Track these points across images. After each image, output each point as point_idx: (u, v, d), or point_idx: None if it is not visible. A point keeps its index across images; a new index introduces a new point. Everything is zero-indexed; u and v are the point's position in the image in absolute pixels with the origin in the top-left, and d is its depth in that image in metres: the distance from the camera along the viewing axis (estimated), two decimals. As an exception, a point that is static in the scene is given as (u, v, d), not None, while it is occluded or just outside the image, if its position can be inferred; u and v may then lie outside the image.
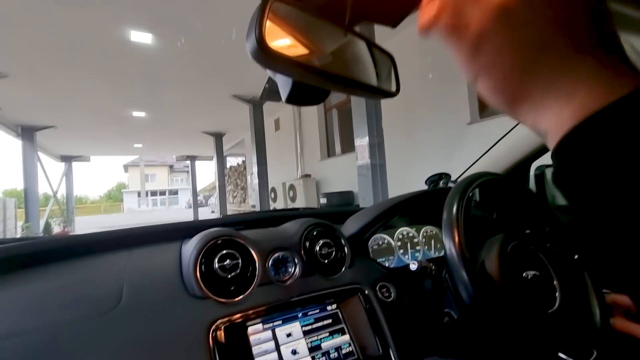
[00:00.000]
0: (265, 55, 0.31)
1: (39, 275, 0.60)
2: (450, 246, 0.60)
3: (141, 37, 4.48)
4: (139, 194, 26.74)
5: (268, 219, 0.94)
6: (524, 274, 0.65)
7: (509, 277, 0.62)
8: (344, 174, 6.19)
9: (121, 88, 6.25)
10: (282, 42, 0.37)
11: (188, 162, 16.15)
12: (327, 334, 0.64)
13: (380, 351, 0.63)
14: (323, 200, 6.06)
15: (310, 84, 0.46)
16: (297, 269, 0.69)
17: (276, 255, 0.69)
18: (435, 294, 0.73)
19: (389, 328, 0.66)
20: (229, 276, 0.62)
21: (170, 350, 0.51)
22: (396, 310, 0.70)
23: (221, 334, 0.55)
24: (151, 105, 7.53)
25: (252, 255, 0.66)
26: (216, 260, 0.62)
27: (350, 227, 0.88)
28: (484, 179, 0.72)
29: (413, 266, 0.68)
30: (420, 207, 0.97)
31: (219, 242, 0.64)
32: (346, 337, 0.65)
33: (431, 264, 0.70)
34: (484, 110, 4.18)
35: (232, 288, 0.62)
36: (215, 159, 11.09)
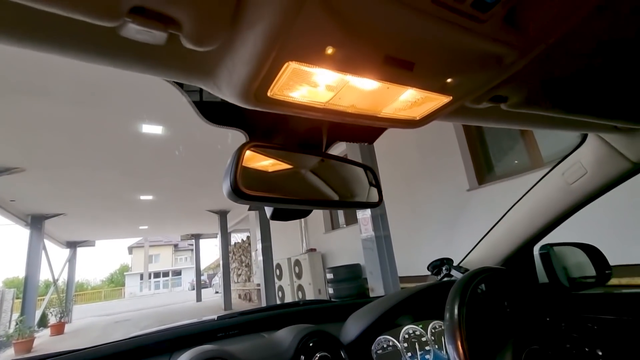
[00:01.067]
0: (239, 197, 0.33)
1: None
2: (453, 350, 0.56)
3: (151, 128, 4.85)
4: (141, 277, 25.90)
5: (265, 319, 0.89)
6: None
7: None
8: (350, 245, 6.07)
9: (130, 174, 6.54)
10: (257, 181, 0.39)
11: (192, 240, 16.02)
12: None
13: None
14: (329, 275, 5.81)
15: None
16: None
17: (269, 375, 0.63)
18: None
19: None
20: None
21: None
22: None
23: None
24: (158, 189, 7.77)
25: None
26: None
27: (350, 330, 0.83)
28: (484, 275, 0.70)
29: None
30: (425, 302, 0.92)
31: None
32: None
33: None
34: (484, 177, 4.25)
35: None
36: (219, 236, 11.02)
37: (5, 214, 7.64)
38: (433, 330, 0.93)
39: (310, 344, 0.69)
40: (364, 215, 4.25)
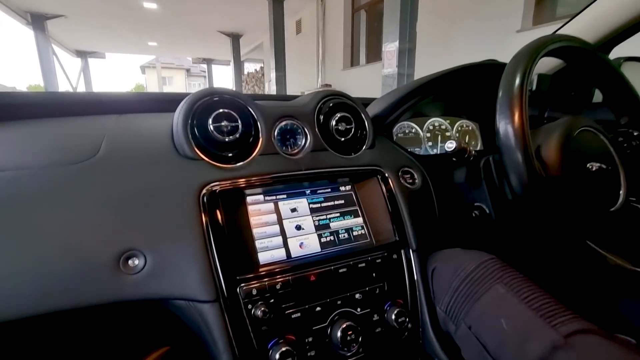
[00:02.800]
0: None
1: (15, 125, 0.52)
2: (506, 123, 0.47)
3: None
4: (157, 98, 26.31)
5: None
6: (587, 165, 0.52)
7: (570, 166, 0.50)
8: (368, 85, 5.76)
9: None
10: None
11: (205, 66, 15.49)
12: (338, 214, 0.56)
13: (397, 237, 0.56)
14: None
15: None
16: (308, 142, 0.58)
17: (284, 123, 0.57)
18: (466, 186, 0.63)
19: (409, 215, 0.57)
20: (227, 140, 0.52)
21: (152, 212, 0.44)
22: (419, 198, 0.61)
23: (214, 199, 0.47)
24: (162, -4, 6.85)
25: (255, 119, 0.55)
26: (210, 119, 0.51)
27: (373, 108, 0.74)
28: (564, 44, 0.54)
29: (450, 145, 0.56)
30: (460, 92, 0.80)
31: (216, 99, 0.53)
32: (359, 219, 0.57)
33: (470, 148, 0.58)
34: (541, 15, 3.55)
35: (230, 155, 0.52)
36: (232, 63, 10.52)
37: (2, 7, 7.06)
38: (459, 128, 0.86)
39: (331, 105, 0.61)
40: (390, 48, 3.80)
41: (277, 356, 0.41)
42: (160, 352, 0.72)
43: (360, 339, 0.45)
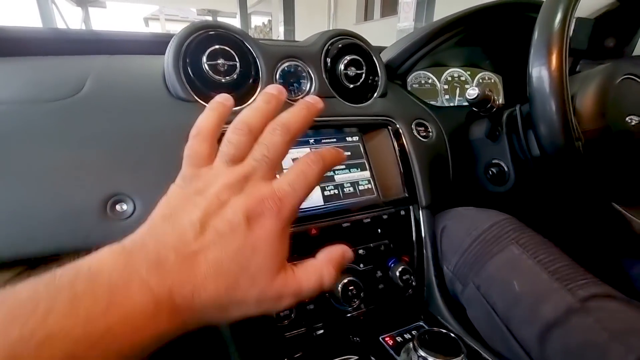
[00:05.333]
0: None
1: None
2: (542, 67, 0.41)
3: None
4: (163, 53, 25.45)
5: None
6: (627, 118, 0.46)
7: (607, 118, 0.44)
8: (382, 41, 5.45)
9: None
10: None
11: (210, 18, 14.78)
12: (343, 167, 0.52)
13: (406, 193, 0.52)
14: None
15: None
16: (314, 87, 0.53)
17: (287, 64, 0.52)
18: (484, 141, 0.58)
19: (420, 170, 0.53)
20: (223, 80, 0.47)
21: (141, 155, 0.40)
22: (433, 153, 0.56)
23: (210, 144, 0.43)
24: None
25: (255, 58, 0.49)
26: (205, 56, 0.46)
27: (387, 53, 0.67)
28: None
29: (472, 92, 0.50)
30: (485, 38, 0.72)
31: (211, 33, 0.47)
32: (366, 173, 0.53)
33: (494, 97, 0.52)
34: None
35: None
36: (238, 15, 9.98)
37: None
38: (481, 80, 0.78)
39: (340, 46, 0.55)
40: (407, -1, 3.53)
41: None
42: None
43: (362, 295, 0.43)
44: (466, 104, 0.75)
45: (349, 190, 0.51)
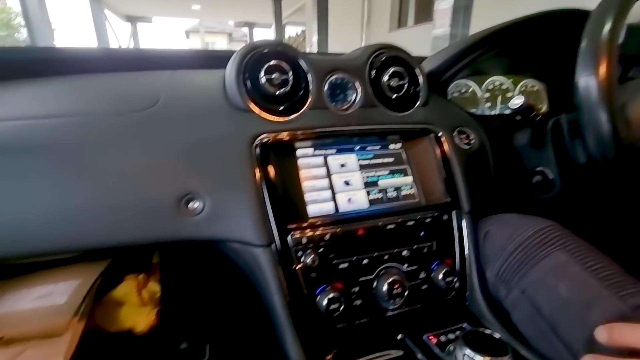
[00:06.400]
0: None
1: (79, 78, 0.56)
2: (589, 76, 0.41)
3: None
4: (201, 64, 26.79)
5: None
6: (684, 127, 0.45)
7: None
8: (415, 52, 5.40)
9: None
10: None
11: (246, 30, 15.39)
12: (387, 172, 0.54)
13: (449, 199, 0.53)
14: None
15: None
16: (359, 98, 0.56)
17: (334, 77, 0.56)
18: (528, 149, 0.58)
19: (463, 177, 0.55)
20: (277, 92, 0.52)
21: (210, 159, 0.45)
22: (475, 160, 0.57)
23: (266, 150, 0.48)
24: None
25: (305, 73, 0.53)
26: (262, 71, 0.51)
27: (428, 63, 0.69)
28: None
29: (517, 102, 0.51)
30: (528, 47, 0.72)
31: (266, 51, 0.52)
32: (408, 178, 0.55)
33: (539, 106, 0.52)
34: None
35: (281, 108, 0.52)
36: (273, 26, 10.33)
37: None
38: (524, 88, 0.78)
39: (384, 59, 0.58)
40: (443, 5, 3.49)
41: (325, 301, 0.43)
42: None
43: (405, 294, 0.45)
44: (508, 112, 0.75)
45: (392, 194, 0.53)
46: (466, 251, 0.52)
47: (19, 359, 0.41)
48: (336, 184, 0.51)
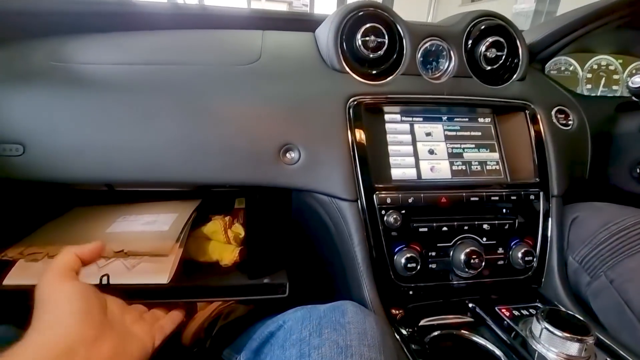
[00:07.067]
0: None
1: (189, 32, 0.61)
2: None
3: None
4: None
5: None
6: None
7: None
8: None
9: None
10: None
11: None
12: (473, 146, 0.54)
13: (537, 179, 0.52)
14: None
15: None
16: (452, 66, 0.55)
17: (429, 44, 0.55)
18: (637, 136, 0.53)
19: (555, 158, 0.52)
20: (372, 56, 0.52)
21: (306, 114, 0.48)
22: (571, 141, 0.54)
23: (358, 112, 0.49)
24: None
25: (401, 36, 0.53)
26: (359, 34, 0.51)
27: (529, 35, 0.65)
28: None
29: (637, 80, 0.47)
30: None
31: (363, 13, 0.52)
32: (495, 154, 0.54)
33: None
34: None
35: (374, 72, 0.53)
36: (336, -4, 10.01)
37: None
38: (633, 71, 0.70)
39: (483, 28, 0.55)
40: (531, -23, 3.11)
41: (403, 260, 0.45)
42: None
43: (482, 265, 0.46)
44: (611, 95, 0.68)
45: (476, 168, 0.53)
46: (549, 234, 0.50)
47: (137, 268, 0.48)
48: (420, 151, 0.52)
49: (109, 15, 0.59)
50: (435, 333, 0.42)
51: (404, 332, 0.42)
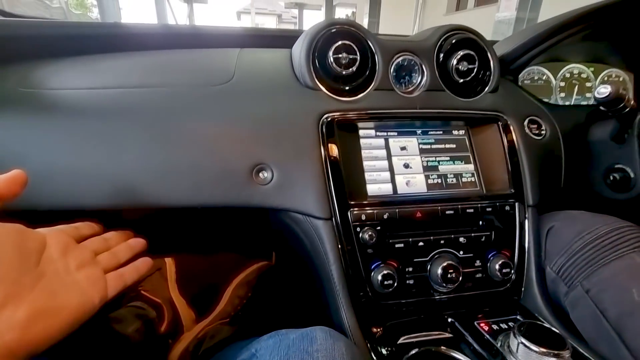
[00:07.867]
0: None
1: (160, 54, 0.61)
2: None
3: None
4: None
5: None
6: None
7: None
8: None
9: None
10: None
11: (296, 12, 15.34)
12: (448, 158, 0.54)
13: (512, 190, 0.52)
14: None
15: None
16: (425, 80, 0.55)
17: (401, 58, 0.55)
18: (607, 144, 0.54)
19: (529, 168, 0.53)
20: (344, 72, 0.52)
21: (279, 133, 0.48)
22: (544, 151, 0.55)
23: (331, 129, 0.49)
24: None
25: (373, 53, 0.54)
26: (331, 51, 0.52)
27: (500, 47, 0.66)
28: None
29: (603, 91, 0.47)
30: (620, 31, 0.65)
31: (335, 30, 0.53)
32: (470, 166, 0.54)
33: (629, 96, 0.48)
34: None
35: (347, 88, 0.53)
36: (323, 8, 10.18)
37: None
38: (606, 79, 0.72)
39: (454, 42, 0.56)
40: (511, -14, 3.20)
41: (379, 277, 0.44)
42: (260, 264, 0.84)
43: (460, 279, 0.45)
44: (585, 103, 0.70)
45: (452, 181, 0.53)
46: (526, 244, 0.50)
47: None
48: (396, 166, 0.52)
49: (82, 39, 0.59)
50: (414, 351, 0.41)
51: (383, 351, 0.42)
